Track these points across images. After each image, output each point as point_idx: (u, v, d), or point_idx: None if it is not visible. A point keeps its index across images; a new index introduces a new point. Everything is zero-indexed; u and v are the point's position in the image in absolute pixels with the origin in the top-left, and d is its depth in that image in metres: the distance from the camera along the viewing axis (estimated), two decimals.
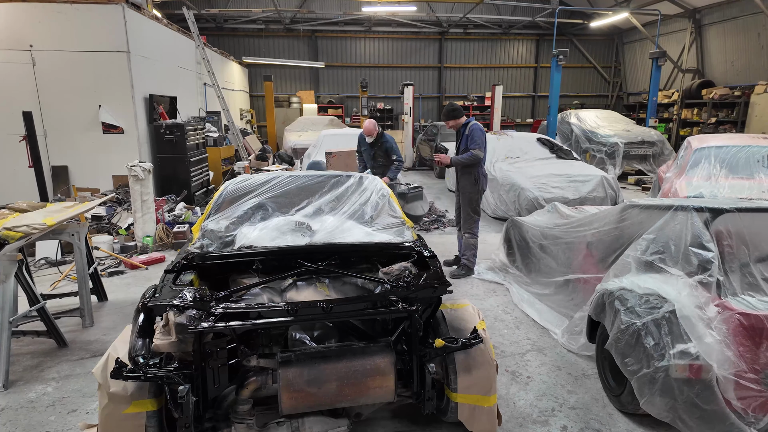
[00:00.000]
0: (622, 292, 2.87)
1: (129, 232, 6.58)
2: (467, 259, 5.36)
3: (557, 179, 7.52)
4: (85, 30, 7.59)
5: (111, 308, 4.60)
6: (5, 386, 3.24)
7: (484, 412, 2.53)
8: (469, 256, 5.34)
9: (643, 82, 17.87)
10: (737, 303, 2.57)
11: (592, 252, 3.86)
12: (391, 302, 2.37)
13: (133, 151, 7.93)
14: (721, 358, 2.43)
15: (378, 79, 19.89)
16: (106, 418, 2.21)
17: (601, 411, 3.01)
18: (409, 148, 14.97)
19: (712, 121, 13.68)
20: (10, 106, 7.42)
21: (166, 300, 2.29)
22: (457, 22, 18.59)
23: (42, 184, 6.07)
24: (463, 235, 5.36)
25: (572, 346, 3.68)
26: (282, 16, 17.58)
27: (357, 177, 3.73)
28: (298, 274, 2.69)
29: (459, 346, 2.41)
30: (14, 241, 3.31)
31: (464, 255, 5.38)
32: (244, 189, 3.54)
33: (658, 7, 14.23)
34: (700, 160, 6.13)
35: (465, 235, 5.33)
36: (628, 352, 2.67)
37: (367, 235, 3.03)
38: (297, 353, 2.34)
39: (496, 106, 15.94)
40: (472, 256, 5.35)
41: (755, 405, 2.44)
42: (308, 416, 2.40)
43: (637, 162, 11.48)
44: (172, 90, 9.60)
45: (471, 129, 5.10)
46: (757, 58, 13.09)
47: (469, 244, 5.33)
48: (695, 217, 2.91)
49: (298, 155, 11.59)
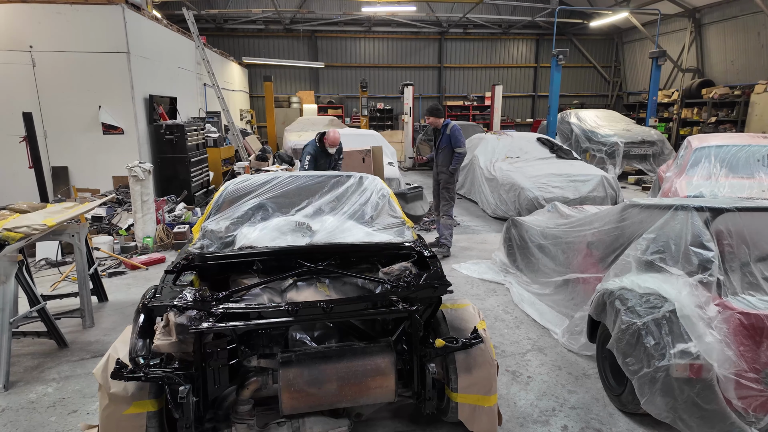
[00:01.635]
0: (623, 292, 2.87)
1: (129, 232, 6.58)
2: (445, 239, 6.15)
3: (557, 179, 7.53)
4: (84, 31, 7.59)
5: (111, 309, 4.60)
6: (6, 387, 3.24)
7: (484, 412, 2.53)
8: (447, 236, 6.13)
9: (643, 81, 17.87)
10: (737, 302, 2.57)
11: (592, 252, 3.86)
12: (392, 302, 2.37)
13: (133, 151, 7.93)
14: (721, 358, 2.43)
15: (378, 79, 19.89)
16: (106, 418, 2.21)
17: (602, 411, 3.01)
18: (409, 148, 14.98)
19: (712, 120, 13.67)
20: (10, 107, 7.42)
21: (166, 300, 2.29)
22: (457, 22, 18.59)
23: (42, 185, 6.07)
24: (441, 217, 6.19)
25: (573, 346, 3.68)
26: (282, 16, 17.58)
27: (357, 177, 3.73)
28: (298, 275, 2.68)
29: (459, 346, 2.41)
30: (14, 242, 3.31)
31: (443, 236, 6.16)
32: (244, 189, 3.54)
33: (658, 7, 14.23)
34: (700, 160, 6.13)
35: (443, 217, 6.16)
36: (629, 352, 2.67)
37: (367, 235, 3.03)
38: (297, 353, 2.34)
39: (496, 106, 15.94)
40: (449, 236, 6.16)
41: (756, 404, 2.44)
42: (309, 416, 2.40)
43: (637, 161, 11.49)
44: (172, 90, 9.60)
45: (453, 129, 5.94)
46: (757, 57, 13.09)
47: (447, 224, 6.15)
48: (695, 217, 2.91)
49: (298, 155, 11.57)
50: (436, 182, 6.28)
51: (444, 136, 5.98)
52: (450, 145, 5.96)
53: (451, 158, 5.97)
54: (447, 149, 6.00)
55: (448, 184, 6.09)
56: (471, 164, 9.26)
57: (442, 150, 6.04)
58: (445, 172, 6.04)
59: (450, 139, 5.95)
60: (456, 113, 19.96)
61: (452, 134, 5.91)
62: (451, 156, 5.98)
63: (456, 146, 5.90)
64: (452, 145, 5.91)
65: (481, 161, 8.74)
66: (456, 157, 5.96)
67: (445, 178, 6.07)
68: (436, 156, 6.17)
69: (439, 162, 6.11)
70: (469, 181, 9.39)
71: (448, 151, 5.99)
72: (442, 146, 6.01)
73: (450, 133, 5.93)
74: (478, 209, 8.74)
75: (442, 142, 6.00)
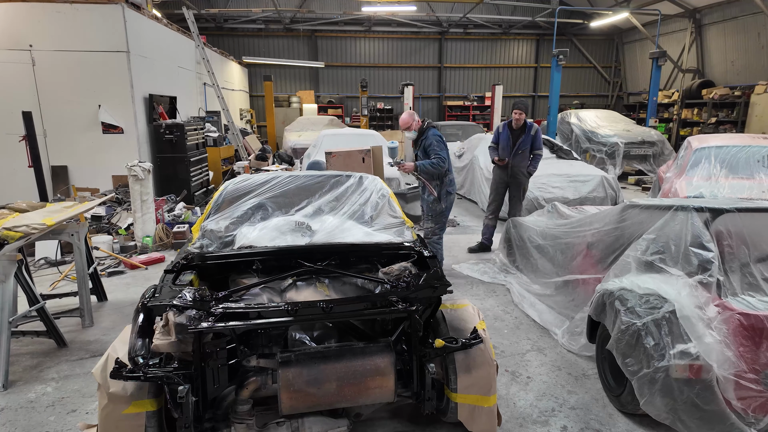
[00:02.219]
0: (622, 292, 2.87)
1: (129, 232, 6.57)
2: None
3: (557, 179, 7.52)
4: (84, 30, 7.59)
5: (111, 308, 4.59)
6: (5, 386, 3.23)
7: (484, 412, 2.53)
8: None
9: (643, 82, 17.87)
10: (737, 303, 2.57)
11: (592, 252, 3.86)
12: (391, 302, 2.37)
13: (132, 150, 7.92)
14: (721, 358, 2.43)
15: (378, 79, 19.88)
16: (105, 418, 2.21)
17: (601, 411, 3.01)
18: (409, 149, 14.93)
19: (712, 121, 13.67)
20: (10, 106, 7.41)
21: (165, 300, 2.28)
22: (457, 21, 18.59)
23: (41, 184, 6.06)
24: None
25: (573, 347, 3.68)
26: (282, 15, 17.57)
27: (357, 177, 3.72)
28: (297, 274, 2.68)
29: (459, 346, 2.41)
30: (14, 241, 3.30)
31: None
32: (243, 189, 3.53)
33: (658, 7, 14.23)
34: (700, 160, 6.13)
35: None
36: (629, 353, 2.67)
37: (367, 235, 3.03)
38: (297, 353, 2.34)
39: (496, 106, 15.94)
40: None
41: (755, 405, 2.44)
42: (308, 416, 2.40)
43: (637, 162, 11.48)
44: (171, 90, 9.59)
45: (538, 131, 5.91)
46: (757, 57, 13.09)
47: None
48: (695, 217, 2.91)
49: (297, 155, 11.58)
50: (503, 184, 6.15)
51: (527, 137, 5.91)
52: (531, 146, 5.94)
53: (528, 160, 5.96)
54: (526, 151, 5.95)
55: (526, 186, 6.15)
56: (471, 164, 9.26)
57: (522, 152, 5.96)
58: (525, 174, 6.01)
59: (533, 141, 5.93)
60: (456, 113, 19.95)
61: (537, 136, 5.92)
62: (527, 158, 5.96)
63: (538, 148, 5.94)
64: (535, 147, 5.92)
65: (481, 161, 8.73)
66: (536, 159, 5.96)
67: (525, 181, 6.08)
68: (513, 157, 6.00)
69: (516, 163, 5.99)
70: (469, 181, 9.39)
71: (527, 153, 5.96)
72: (523, 147, 5.92)
73: (534, 134, 5.91)
74: (478, 209, 8.73)
75: (524, 144, 5.91)
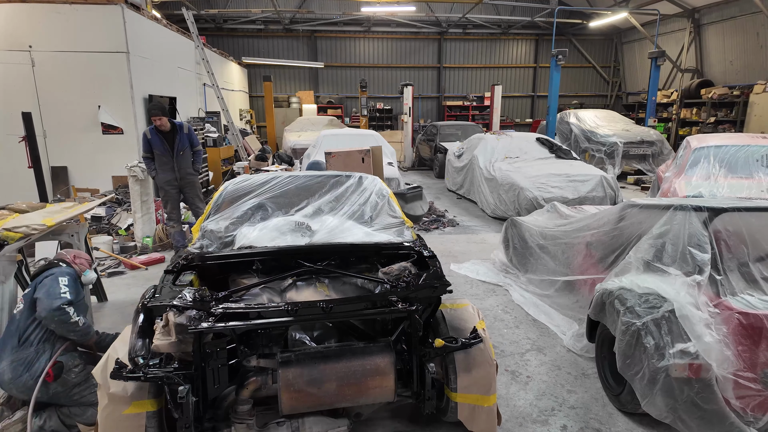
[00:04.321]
0: (622, 292, 2.87)
1: (129, 232, 6.57)
2: None
3: (556, 179, 7.52)
4: (84, 30, 7.59)
5: (111, 309, 4.59)
6: None
7: (483, 412, 2.53)
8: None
9: (642, 81, 17.87)
10: (736, 302, 2.58)
11: (591, 252, 3.86)
12: (391, 302, 2.37)
13: (132, 151, 7.92)
14: (720, 358, 2.44)
15: (377, 79, 19.88)
16: (106, 418, 2.22)
17: (601, 410, 3.01)
18: (409, 148, 14.97)
19: (711, 120, 13.68)
20: (10, 107, 7.41)
21: (165, 300, 2.29)
22: (456, 22, 18.59)
23: (41, 185, 6.06)
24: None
25: (577, 348, 3.68)
26: (281, 16, 17.57)
27: (357, 177, 3.73)
28: (297, 274, 2.68)
29: (459, 345, 2.41)
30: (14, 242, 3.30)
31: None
32: (243, 189, 3.54)
33: (657, 7, 14.24)
34: (699, 160, 6.13)
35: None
36: (629, 352, 2.68)
37: (366, 235, 3.03)
38: (297, 353, 2.34)
39: (495, 106, 15.94)
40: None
41: (754, 404, 2.45)
42: (308, 416, 2.40)
43: (636, 161, 11.49)
44: (171, 90, 9.59)
45: (189, 128, 5.94)
46: (756, 57, 13.09)
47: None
48: (694, 217, 2.92)
49: (297, 155, 11.58)
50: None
51: (183, 136, 5.94)
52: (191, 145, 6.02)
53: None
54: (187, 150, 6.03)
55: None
56: (470, 164, 9.26)
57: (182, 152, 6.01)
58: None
59: (188, 139, 5.98)
60: (455, 113, 19.96)
61: (189, 133, 5.93)
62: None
63: (197, 145, 6.00)
64: (192, 144, 5.98)
65: (481, 161, 8.74)
66: (200, 158, 6.15)
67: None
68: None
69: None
70: (469, 181, 9.40)
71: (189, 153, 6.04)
72: (185, 147, 5.93)
73: (188, 132, 5.95)
74: (478, 209, 8.74)
75: (185, 143, 5.94)
